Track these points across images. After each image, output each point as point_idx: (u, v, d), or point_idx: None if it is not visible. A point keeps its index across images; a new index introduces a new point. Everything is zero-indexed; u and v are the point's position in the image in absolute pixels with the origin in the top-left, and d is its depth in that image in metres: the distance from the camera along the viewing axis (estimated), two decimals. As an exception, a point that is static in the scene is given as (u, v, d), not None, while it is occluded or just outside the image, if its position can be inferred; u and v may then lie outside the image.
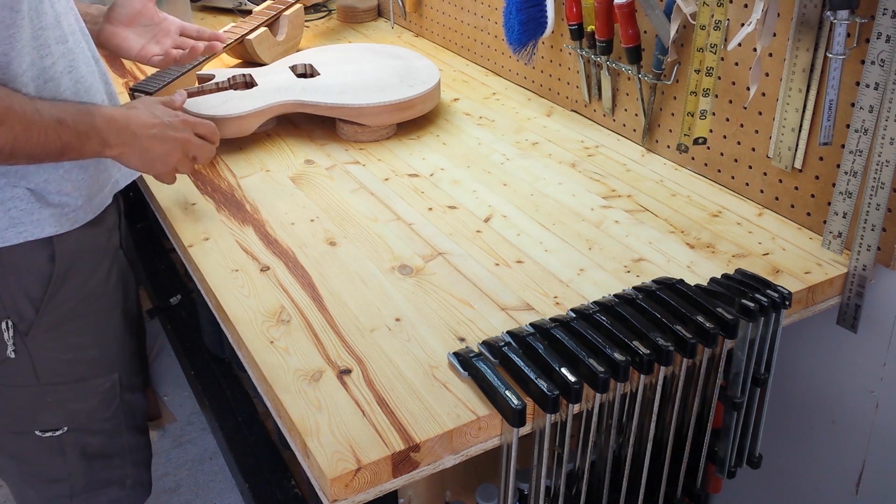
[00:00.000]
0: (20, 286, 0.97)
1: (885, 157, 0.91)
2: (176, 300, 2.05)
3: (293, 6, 1.72)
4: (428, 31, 1.86)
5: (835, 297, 1.01)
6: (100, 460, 1.13)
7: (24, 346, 1.00)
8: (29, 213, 0.94)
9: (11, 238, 0.94)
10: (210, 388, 1.83)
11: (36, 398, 1.04)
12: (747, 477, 1.25)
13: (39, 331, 1.00)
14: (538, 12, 1.37)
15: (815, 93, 1.00)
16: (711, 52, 1.05)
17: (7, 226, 0.94)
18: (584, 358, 0.79)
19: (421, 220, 1.12)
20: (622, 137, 1.35)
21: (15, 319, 0.98)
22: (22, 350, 1.00)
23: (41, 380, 1.03)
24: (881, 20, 0.87)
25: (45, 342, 1.01)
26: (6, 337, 0.99)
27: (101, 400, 1.10)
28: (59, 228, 0.97)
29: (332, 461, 0.72)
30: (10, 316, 0.98)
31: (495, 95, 1.55)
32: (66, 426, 1.07)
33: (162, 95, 1.44)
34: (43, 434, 1.06)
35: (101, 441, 1.12)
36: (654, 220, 1.11)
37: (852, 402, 1.08)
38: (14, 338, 0.99)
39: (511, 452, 0.78)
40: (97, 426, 1.11)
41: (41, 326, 1.00)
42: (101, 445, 1.12)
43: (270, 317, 0.91)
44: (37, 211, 0.95)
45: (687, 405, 0.91)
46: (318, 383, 0.81)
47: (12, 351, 1.00)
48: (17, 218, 0.94)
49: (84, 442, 1.10)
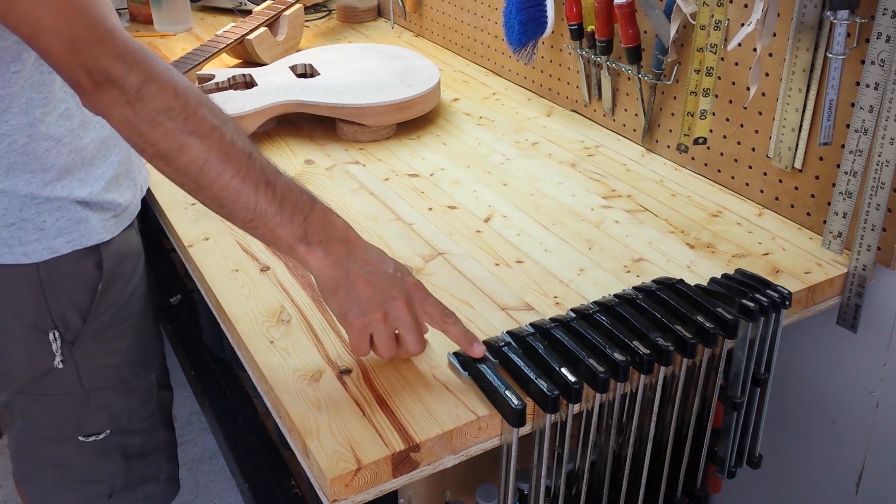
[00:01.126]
0: (68, 296, 0.96)
1: (885, 157, 0.91)
2: (176, 300, 2.05)
3: (293, 6, 1.72)
4: (428, 31, 1.86)
5: (835, 297, 1.01)
6: (139, 458, 1.12)
7: (71, 356, 0.99)
8: (76, 222, 0.93)
9: (60, 248, 0.93)
10: (210, 388, 1.83)
11: (80, 405, 1.03)
12: (747, 477, 1.25)
13: (85, 339, 0.99)
14: (538, 12, 1.37)
15: (815, 93, 1.00)
16: (711, 52, 1.05)
17: (55, 235, 0.92)
18: (584, 358, 0.79)
19: (421, 220, 1.12)
20: (622, 137, 1.35)
21: (62, 330, 0.97)
22: (69, 359, 0.99)
23: (85, 386, 1.02)
24: (881, 20, 0.87)
25: (90, 349, 1.00)
26: (54, 348, 0.97)
27: (140, 400, 1.09)
28: (106, 235, 0.96)
29: (332, 461, 0.72)
30: (57, 326, 0.97)
31: (495, 95, 1.55)
32: (109, 429, 1.06)
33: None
34: (86, 439, 1.05)
35: (140, 440, 1.11)
36: (654, 220, 1.11)
37: (852, 402, 1.08)
38: (62, 348, 0.98)
39: (511, 452, 0.78)
40: (137, 426, 1.10)
41: (87, 334, 0.99)
42: (140, 444, 1.12)
43: (270, 317, 0.91)
44: (84, 219, 0.94)
45: (687, 405, 0.91)
46: (318, 383, 0.81)
47: (60, 361, 0.98)
48: (65, 227, 0.93)
49: (125, 443, 1.09)
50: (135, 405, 1.09)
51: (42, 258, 0.92)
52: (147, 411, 1.11)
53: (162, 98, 0.71)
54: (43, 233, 0.92)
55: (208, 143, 0.72)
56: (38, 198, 0.91)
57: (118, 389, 1.06)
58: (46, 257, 0.93)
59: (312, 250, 0.77)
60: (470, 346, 0.80)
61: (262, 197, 0.74)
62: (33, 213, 0.91)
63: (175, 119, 0.71)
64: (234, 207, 0.75)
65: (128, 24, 1.98)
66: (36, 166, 0.90)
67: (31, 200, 0.91)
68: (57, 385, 1.01)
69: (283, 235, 0.76)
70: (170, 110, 0.71)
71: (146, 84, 0.71)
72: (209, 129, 0.72)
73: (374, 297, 0.78)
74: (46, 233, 0.92)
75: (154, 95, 0.71)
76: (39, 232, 0.92)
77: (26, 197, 0.90)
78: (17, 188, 0.90)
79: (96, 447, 1.07)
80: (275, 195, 0.75)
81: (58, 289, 0.95)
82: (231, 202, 0.74)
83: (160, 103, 0.71)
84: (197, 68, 1.51)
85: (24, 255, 0.92)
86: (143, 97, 0.71)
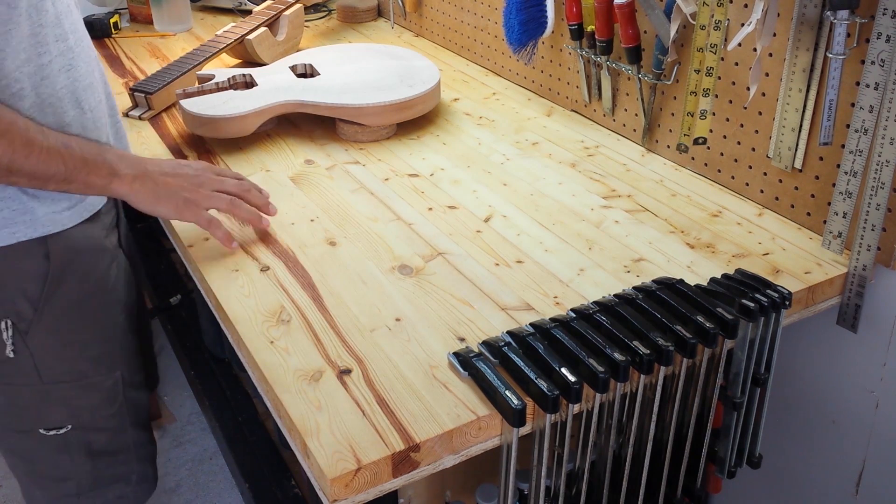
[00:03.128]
0: (17, 286, 0.97)
1: (885, 157, 0.91)
2: (176, 300, 2.06)
3: (293, 6, 1.72)
4: (428, 31, 1.86)
5: (835, 297, 1.01)
6: (105, 457, 1.13)
7: (25, 346, 1.00)
8: (21, 213, 0.94)
9: (4, 238, 0.94)
10: (210, 388, 1.83)
11: (39, 397, 1.04)
12: (747, 477, 1.25)
13: (39, 330, 1.00)
14: (538, 12, 1.37)
15: (815, 93, 1.00)
16: (711, 52, 1.05)
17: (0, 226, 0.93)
18: (584, 358, 0.79)
19: (421, 220, 1.12)
20: (622, 137, 1.35)
21: (14, 319, 0.98)
22: (22, 349, 1.00)
23: (43, 378, 1.03)
24: (881, 20, 0.87)
25: (45, 341, 1.01)
26: (5, 336, 0.99)
27: (104, 397, 1.10)
28: (52, 228, 0.97)
29: (332, 461, 0.72)
30: (8, 315, 0.98)
31: (495, 95, 1.55)
32: (70, 424, 1.07)
33: (161, 96, 1.45)
34: (47, 432, 1.07)
35: (105, 438, 1.12)
36: (654, 220, 1.11)
37: (852, 402, 1.08)
38: (13, 337, 0.99)
39: (511, 452, 0.78)
40: (101, 423, 1.11)
41: (41, 325, 1.00)
42: (105, 442, 1.12)
43: (270, 317, 0.91)
44: (29, 211, 0.94)
45: (687, 405, 0.91)
46: (318, 383, 0.81)
47: (11, 350, 1.00)
48: (9, 218, 0.94)
49: (88, 439, 1.10)
50: (97, 402, 1.09)
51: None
52: (111, 409, 1.11)
53: None
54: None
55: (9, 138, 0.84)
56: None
57: (78, 385, 1.06)
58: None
59: (123, 180, 0.94)
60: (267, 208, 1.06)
61: (68, 159, 0.89)
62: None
63: None
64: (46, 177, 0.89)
65: (128, 24, 1.98)
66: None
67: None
68: (14, 375, 1.02)
69: (95, 181, 0.92)
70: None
71: None
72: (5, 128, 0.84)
73: (183, 183, 0.98)
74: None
75: None
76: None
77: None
78: None
79: (59, 442, 1.08)
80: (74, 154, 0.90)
81: (6, 278, 0.96)
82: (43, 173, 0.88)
83: None
84: (197, 68, 1.51)
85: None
86: None
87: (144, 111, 1.43)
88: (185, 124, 1.34)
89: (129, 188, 0.95)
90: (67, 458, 1.10)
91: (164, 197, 0.97)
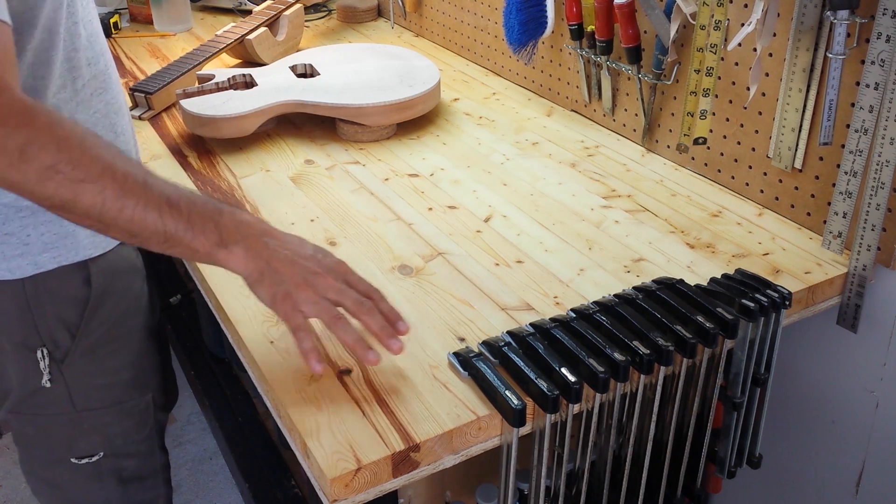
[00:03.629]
0: (55, 313, 0.93)
1: (885, 157, 0.91)
2: (176, 300, 2.06)
3: (293, 6, 1.72)
4: (428, 31, 1.86)
5: (835, 297, 1.01)
6: (136, 483, 1.10)
7: (60, 374, 0.96)
8: (63, 237, 0.91)
9: (46, 263, 0.90)
10: (210, 388, 1.83)
11: (72, 425, 1.01)
12: (747, 477, 1.25)
13: (75, 357, 0.96)
14: (538, 12, 1.37)
15: (815, 93, 1.00)
16: (711, 52, 1.05)
17: (41, 250, 0.90)
18: (584, 358, 0.79)
19: (421, 220, 1.12)
20: (622, 137, 1.35)
21: (50, 347, 0.94)
22: (58, 378, 0.96)
23: (77, 406, 0.99)
24: (881, 20, 0.87)
25: (81, 368, 0.97)
26: (42, 366, 0.95)
27: (136, 422, 1.06)
28: (94, 251, 0.94)
29: (332, 461, 0.72)
30: (45, 344, 0.94)
31: (495, 95, 1.55)
32: (103, 451, 1.04)
33: (161, 96, 1.45)
34: (80, 461, 1.03)
35: (136, 464, 1.09)
36: (654, 220, 1.11)
37: (852, 402, 1.08)
38: (50, 366, 0.95)
39: (511, 452, 0.78)
40: (132, 448, 1.08)
41: (77, 352, 0.96)
42: (136, 468, 1.09)
43: (270, 317, 0.91)
44: (71, 235, 0.91)
45: (687, 405, 0.91)
46: (318, 383, 0.81)
47: (48, 380, 0.96)
48: (51, 243, 0.90)
49: (120, 466, 1.07)
50: (129, 427, 1.06)
51: (27, 274, 0.90)
52: (143, 433, 1.08)
53: (45, 155, 0.70)
54: (27, 248, 0.89)
55: (101, 185, 0.72)
56: (23, 210, 0.88)
57: (112, 411, 1.03)
58: (31, 273, 0.90)
59: (231, 251, 0.78)
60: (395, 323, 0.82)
61: (169, 218, 0.75)
62: (17, 227, 0.88)
63: (62, 172, 0.70)
64: (145, 235, 0.76)
65: (128, 24, 1.98)
66: None
67: (16, 213, 0.88)
68: (48, 405, 0.98)
69: (199, 247, 0.77)
70: (55, 165, 0.70)
71: (27, 146, 0.69)
72: (99, 172, 0.72)
73: (295, 274, 0.79)
74: (31, 248, 0.89)
75: (36, 155, 0.70)
76: (24, 247, 0.89)
77: (10, 208, 0.88)
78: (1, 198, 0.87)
79: (90, 470, 1.04)
80: (181, 213, 0.76)
81: (45, 306, 0.92)
82: (140, 231, 0.75)
83: (44, 160, 0.70)
84: (197, 68, 1.51)
85: (7, 272, 0.89)
86: (26, 158, 0.69)
87: (144, 111, 1.43)
88: (185, 124, 1.34)
89: (236, 264, 0.80)
90: (98, 486, 1.06)
91: (267, 282, 0.80)
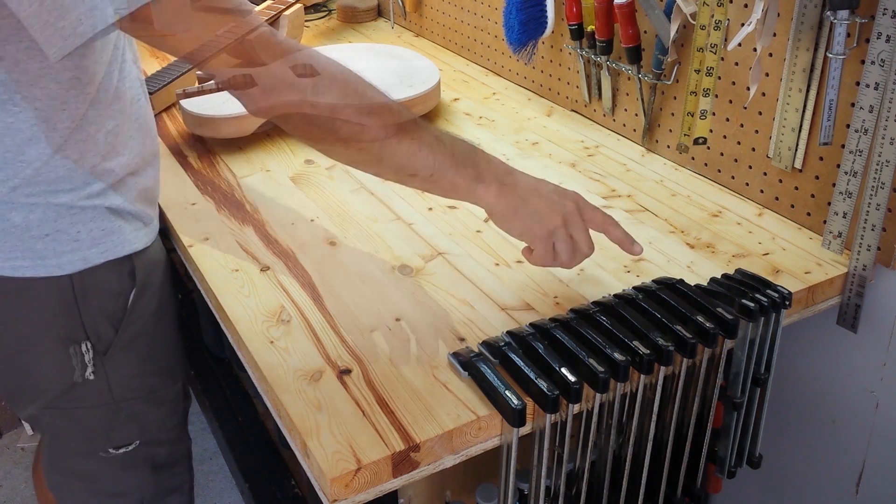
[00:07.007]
0: (100, 307, 0.94)
1: (885, 157, 0.91)
2: (176, 300, 2.05)
3: (293, 6, 1.72)
4: (428, 31, 1.86)
5: (835, 297, 1.01)
6: (167, 469, 1.12)
7: (102, 366, 0.97)
8: (109, 233, 0.92)
9: (94, 258, 0.92)
10: (210, 388, 1.83)
11: (110, 416, 1.02)
12: (747, 477, 1.25)
13: (117, 349, 0.97)
14: (538, 12, 1.37)
15: (815, 93, 1.00)
16: (711, 52, 1.05)
17: (89, 245, 0.91)
18: (584, 358, 0.79)
19: (421, 220, 1.12)
20: (622, 137, 1.35)
21: (94, 340, 0.95)
22: (100, 370, 0.97)
23: (115, 397, 1.00)
24: (881, 20, 0.87)
25: (121, 360, 0.99)
26: (86, 359, 0.96)
27: (169, 409, 1.09)
28: (138, 245, 0.95)
29: (332, 461, 0.72)
30: (89, 337, 0.95)
31: (495, 95, 1.55)
32: (139, 440, 1.05)
33: (161, 96, 1.44)
34: (116, 451, 1.04)
35: (167, 451, 1.11)
36: (654, 220, 1.11)
37: (852, 402, 1.08)
38: (94, 359, 0.96)
39: (511, 452, 0.78)
40: (164, 436, 1.10)
41: (119, 345, 0.97)
42: (167, 455, 1.11)
43: (270, 317, 0.91)
44: (117, 230, 0.93)
45: (687, 405, 0.91)
46: (318, 383, 0.81)
47: (91, 373, 0.97)
48: (98, 238, 0.91)
49: (154, 453, 1.09)
50: (163, 415, 1.08)
51: (76, 269, 0.91)
52: (174, 420, 1.11)
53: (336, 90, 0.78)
54: (77, 244, 0.90)
55: (384, 119, 0.79)
56: (74, 207, 0.89)
57: (147, 399, 1.04)
58: (80, 268, 0.91)
59: (488, 187, 0.86)
60: (630, 246, 0.90)
61: (439, 154, 0.83)
62: (68, 224, 0.90)
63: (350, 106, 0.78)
64: (414, 170, 0.83)
65: (128, 24, 1.98)
66: (78, 181, 0.89)
67: (67, 210, 0.89)
68: (87, 397, 0.99)
69: (460, 182, 0.85)
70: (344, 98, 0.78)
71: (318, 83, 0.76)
72: (381, 107, 0.80)
73: (549, 208, 0.87)
74: (81, 243, 0.91)
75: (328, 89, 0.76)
76: (74, 243, 0.90)
77: (62, 207, 0.89)
78: (54, 198, 0.88)
79: (125, 459, 1.05)
80: (446, 149, 0.84)
81: (91, 300, 0.94)
82: (412, 165, 0.83)
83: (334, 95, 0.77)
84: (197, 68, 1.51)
85: (56, 267, 0.90)
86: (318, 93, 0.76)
87: (144, 111, 1.43)
88: (185, 124, 1.34)
89: (495, 199, 0.87)
90: (132, 474, 1.08)
91: (521, 215, 0.87)
